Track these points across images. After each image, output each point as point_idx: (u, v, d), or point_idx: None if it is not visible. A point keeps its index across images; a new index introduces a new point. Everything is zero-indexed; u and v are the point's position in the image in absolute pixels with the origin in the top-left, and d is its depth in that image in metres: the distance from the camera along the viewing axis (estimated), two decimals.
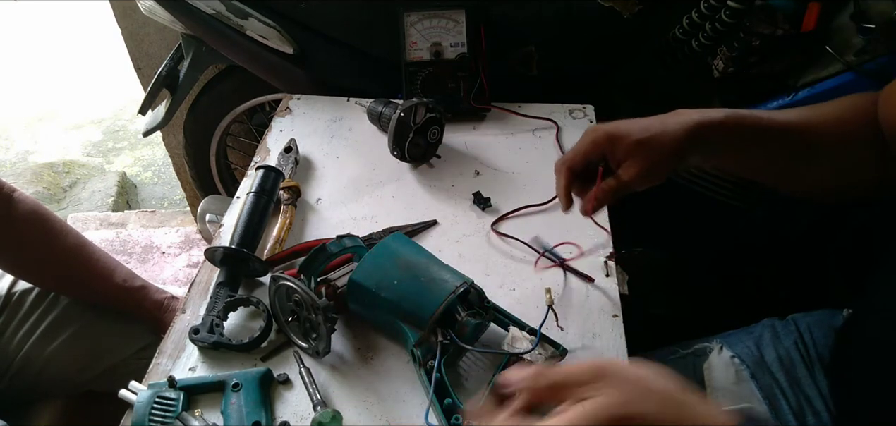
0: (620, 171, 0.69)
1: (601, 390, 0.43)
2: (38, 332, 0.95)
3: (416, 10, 1.05)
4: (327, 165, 1.02)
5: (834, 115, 0.70)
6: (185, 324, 0.76)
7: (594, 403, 0.42)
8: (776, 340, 0.84)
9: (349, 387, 0.69)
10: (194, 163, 1.71)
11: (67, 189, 2.58)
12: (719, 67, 1.16)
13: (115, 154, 2.93)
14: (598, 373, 0.44)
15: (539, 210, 0.91)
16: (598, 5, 1.13)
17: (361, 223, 0.90)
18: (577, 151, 0.71)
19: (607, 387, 0.43)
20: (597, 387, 0.43)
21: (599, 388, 0.43)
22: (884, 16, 1.00)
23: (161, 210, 2.40)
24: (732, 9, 1.06)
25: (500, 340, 0.70)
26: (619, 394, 0.43)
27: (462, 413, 0.60)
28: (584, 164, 0.70)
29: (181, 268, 2.03)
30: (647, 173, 0.67)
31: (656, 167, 0.67)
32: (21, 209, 0.91)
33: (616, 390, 0.43)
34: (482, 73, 1.07)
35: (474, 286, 0.70)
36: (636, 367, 0.45)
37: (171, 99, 1.47)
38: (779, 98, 1.13)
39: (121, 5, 1.65)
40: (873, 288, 0.73)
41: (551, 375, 0.46)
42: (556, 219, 0.89)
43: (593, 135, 0.70)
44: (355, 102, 1.14)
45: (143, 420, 0.64)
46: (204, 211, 1.54)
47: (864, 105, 0.70)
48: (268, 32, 1.20)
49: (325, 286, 0.74)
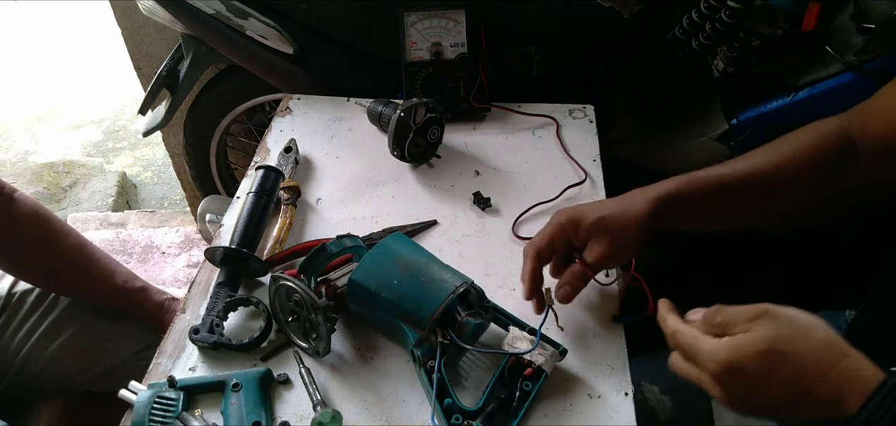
0: (585, 253, 0.70)
1: (762, 324, 0.48)
2: (38, 333, 0.95)
3: (416, 10, 1.05)
4: (327, 165, 1.02)
5: (794, 151, 0.70)
6: (185, 324, 0.76)
7: (753, 335, 0.48)
8: None
9: (349, 387, 0.69)
10: (194, 163, 1.71)
11: (67, 189, 2.58)
12: (719, 67, 1.16)
13: (115, 154, 2.93)
14: (762, 312, 0.49)
15: (550, 209, 0.90)
16: (598, 5, 1.13)
17: (361, 223, 0.90)
18: (542, 236, 0.71)
19: (768, 323, 0.48)
20: (760, 322, 0.49)
21: (761, 323, 0.48)
22: (884, 16, 1.00)
23: (161, 210, 2.40)
24: (732, 9, 1.06)
25: (500, 340, 0.70)
26: (777, 328, 0.48)
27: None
28: (549, 248, 0.71)
29: (181, 268, 2.03)
30: (611, 252, 0.68)
31: (620, 246, 0.68)
32: (21, 210, 0.91)
33: (775, 326, 0.48)
34: (482, 73, 1.07)
35: (474, 286, 0.70)
36: (804, 313, 0.50)
37: (171, 99, 1.47)
38: (779, 98, 1.13)
39: (121, 5, 1.65)
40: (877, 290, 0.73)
41: (724, 313, 0.52)
42: None
43: (557, 218, 0.71)
44: (355, 102, 1.14)
45: (143, 420, 0.64)
46: (204, 211, 1.54)
47: (826, 133, 0.70)
48: (268, 32, 1.20)
49: (325, 286, 0.74)
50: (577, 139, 1.03)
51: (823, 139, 0.70)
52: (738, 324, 0.50)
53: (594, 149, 1.01)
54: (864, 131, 0.68)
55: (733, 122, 1.17)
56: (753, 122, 1.16)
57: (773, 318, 0.49)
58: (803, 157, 0.70)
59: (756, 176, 0.69)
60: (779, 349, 0.47)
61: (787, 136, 0.72)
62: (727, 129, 1.17)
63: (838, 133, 0.70)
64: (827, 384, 0.46)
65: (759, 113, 1.15)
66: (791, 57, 1.11)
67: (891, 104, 0.67)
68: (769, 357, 0.47)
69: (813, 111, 0.73)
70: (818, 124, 0.72)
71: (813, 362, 0.46)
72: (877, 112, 0.67)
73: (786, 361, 0.47)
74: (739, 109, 1.18)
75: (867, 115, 0.68)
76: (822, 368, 0.46)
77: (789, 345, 0.47)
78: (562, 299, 0.70)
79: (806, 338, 0.47)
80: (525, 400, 0.64)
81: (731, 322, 0.51)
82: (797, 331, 0.48)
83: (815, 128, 0.72)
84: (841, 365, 0.46)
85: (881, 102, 0.67)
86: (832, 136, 0.69)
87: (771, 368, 0.47)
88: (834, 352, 0.47)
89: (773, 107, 1.13)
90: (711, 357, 0.49)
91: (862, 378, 0.45)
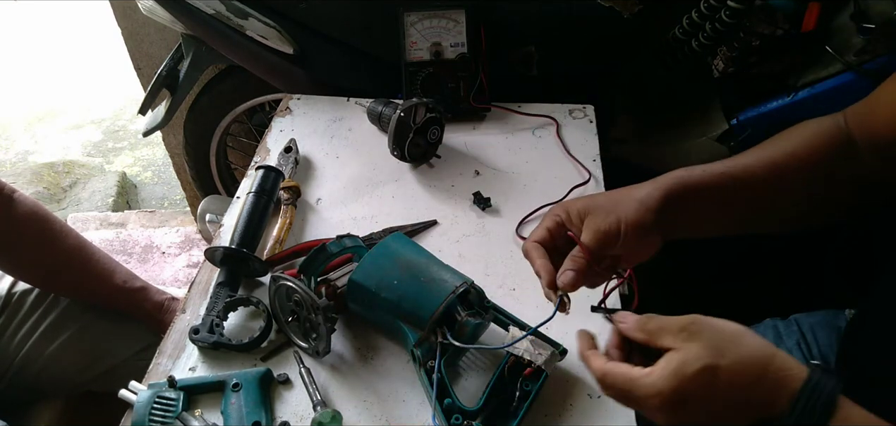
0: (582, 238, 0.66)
1: (694, 340, 0.48)
2: (38, 333, 0.95)
3: (416, 10, 1.05)
4: (327, 165, 1.02)
5: (792, 149, 0.69)
6: (185, 324, 0.76)
7: (687, 355, 0.47)
8: (778, 341, 0.84)
9: (349, 387, 0.69)
10: (194, 163, 1.71)
11: (67, 189, 2.58)
12: (719, 67, 1.16)
13: (115, 154, 2.93)
14: (690, 322, 0.49)
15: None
16: (598, 5, 1.13)
17: (361, 223, 0.90)
18: (539, 228, 0.68)
19: (699, 337, 0.48)
20: (691, 338, 0.48)
21: (693, 338, 0.48)
22: (884, 16, 1.00)
23: (161, 210, 2.40)
24: (732, 9, 1.06)
25: (500, 340, 0.70)
26: (708, 342, 0.47)
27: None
28: (548, 237, 0.67)
29: (181, 268, 2.03)
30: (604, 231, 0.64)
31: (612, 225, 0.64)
32: (21, 210, 0.91)
33: (705, 340, 0.48)
34: (482, 73, 1.07)
35: (474, 286, 0.70)
36: (729, 323, 0.49)
37: (171, 99, 1.47)
38: (779, 98, 1.13)
39: (121, 5, 1.65)
40: (878, 288, 0.73)
41: (655, 322, 0.52)
42: None
43: (551, 210, 0.68)
44: (355, 102, 1.14)
45: (143, 420, 0.64)
46: (204, 211, 1.54)
47: (823, 130, 0.69)
48: (268, 32, 1.20)
49: (325, 286, 0.74)
50: (577, 139, 1.03)
51: (820, 136, 0.69)
52: (669, 334, 0.49)
53: (594, 149, 1.01)
54: (863, 128, 0.67)
55: (733, 122, 1.17)
56: (753, 122, 1.16)
57: (701, 331, 0.48)
58: (801, 155, 0.69)
59: (755, 172, 0.68)
60: (713, 364, 0.46)
61: (782, 135, 0.71)
62: (727, 129, 1.17)
63: (835, 130, 0.69)
64: (761, 389, 0.46)
65: (759, 113, 1.15)
66: (791, 57, 1.11)
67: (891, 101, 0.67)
68: (707, 374, 0.46)
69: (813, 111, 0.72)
70: (813, 122, 0.71)
71: (746, 370, 0.47)
72: (877, 108, 0.66)
73: (722, 375, 0.46)
74: (739, 109, 1.18)
75: (866, 111, 0.67)
76: (755, 374, 0.47)
77: (723, 358, 0.47)
78: (565, 284, 0.66)
79: (737, 346, 0.47)
80: (525, 400, 0.64)
81: (664, 329, 0.50)
82: (727, 341, 0.48)
83: (810, 125, 0.71)
84: (771, 367, 0.47)
85: (881, 99, 0.67)
86: (829, 134, 0.69)
87: (711, 385, 0.47)
88: (764, 356, 0.47)
89: (773, 107, 1.13)
90: (653, 392, 0.48)
91: (790, 377, 0.46)
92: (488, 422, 0.63)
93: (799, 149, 0.69)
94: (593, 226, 0.65)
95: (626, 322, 0.54)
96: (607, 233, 0.64)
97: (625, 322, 0.54)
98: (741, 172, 0.68)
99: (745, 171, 0.68)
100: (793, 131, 0.71)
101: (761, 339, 0.49)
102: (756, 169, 0.68)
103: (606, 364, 0.52)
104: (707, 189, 0.67)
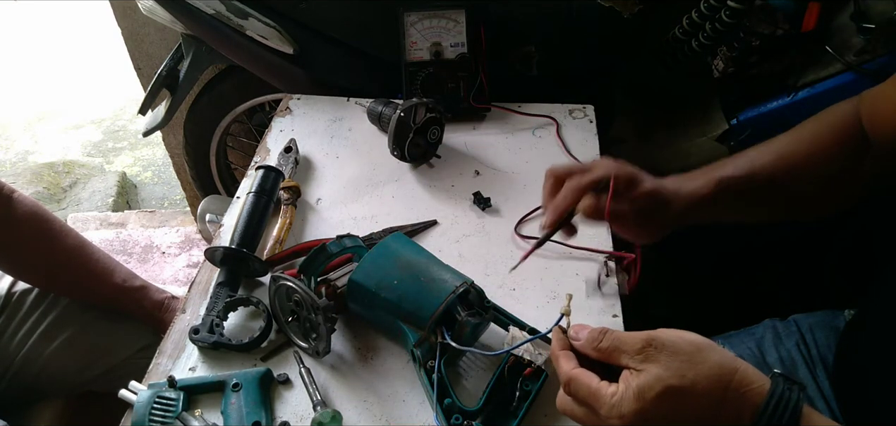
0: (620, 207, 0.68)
1: (653, 361, 0.47)
2: (38, 332, 0.95)
3: (416, 10, 1.05)
4: (327, 165, 1.02)
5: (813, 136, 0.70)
6: (185, 324, 0.76)
7: (648, 377, 0.46)
8: (778, 341, 0.84)
9: (349, 387, 0.69)
10: (194, 163, 1.71)
11: (67, 189, 2.58)
12: (719, 67, 1.16)
13: (115, 154, 2.93)
14: (648, 343, 0.48)
15: None
16: (598, 5, 1.13)
17: (361, 223, 0.90)
18: (589, 174, 0.69)
19: (658, 357, 0.47)
20: (650, 359, 0.47)
21: (652, 359, 0.47)
22: (884, 16, 1.00)
23: (161, 210, 2.40)
24: (732, 9, 1.06)
25: (500, 340, 0.70)
26: (668, 363, 0.47)
27: None
28: (591, 187, 0.69)
29: (181, 268, 2.03)
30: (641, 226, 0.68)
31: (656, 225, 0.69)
32: (20, 210, 0.91)
33: (665, 361, 0.47)
34: (482, 73, 1.07)
35: (474, 286, 0.70)
36: (686, 339, 0.48)
37: (171, 99, 1.47)
38: (779, 98, 1.13)
39: (121, 5, 1.65)
40: (876, 288, 0.73)
41: (610, 340, 0.51)
42: None
43: (608, 166, 0.69)
44: (355, 102, 1.14)
45: (143, 420, 0.64)
46: (204, 211, 1.54)
47: (844, 114, 0.70)
48: (268, 32, 1.20)
49: (325, 286, 0.73)
50: (577, 139, 1.03)
51: (841, 117, 0.70)
52: (627, 354, 0.49)
53: (594, 149, 1.01)
54: (872, 123, 0.68)
55: (733, 122, 1.17)
56: (753, 122, 1.16)
57: (660, 352, 0.47)
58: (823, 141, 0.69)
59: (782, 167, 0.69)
60: (675, 385, 0.46)
61: (809, 123, 0.72)
62: (727, 129, 1.17)
63: (854, 118, 0.69)
64: (724, 407, 0.46)
65: (759, 113, 1.16)
66: (791, 57, 1.11)
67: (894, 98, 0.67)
68: (669, 396, 0.46)
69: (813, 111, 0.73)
70: (838, 104, 0.71)
71: (708, 390, 0.46)
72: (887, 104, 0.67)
73: (685, 396, 0.46)
74: (739, 109, 1.18)
75: (876, 105, 0.67)
76: (717, 394, 0.46)
77: (683, 379, 0.46)
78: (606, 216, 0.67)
79: (697, 364, 0.47)
80: (525, 400, 0.64)
81: (621, 349, 0.49)
82: (687, 361, 0.47)
83: (834, 108, 0.71)
84: (733, 383, 0.46)
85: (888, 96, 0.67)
86: (848, 120, 0.69)
87: (673, 408, 0.46)
88: (725, 372, 0.46)
89: (773, 107, 1.13)
90: (615, 413, 0.47)
91: (752, 392, 0.46)
92: (488, 422, 0.63)
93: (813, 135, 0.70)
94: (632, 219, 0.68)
95: (580, 337, 0.53)
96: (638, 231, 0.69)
97: (578, 338, 0.53)
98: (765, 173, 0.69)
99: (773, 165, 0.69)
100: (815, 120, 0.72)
101: (722, 354, 0.48)
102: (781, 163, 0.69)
103: (575, 369, 0.51)
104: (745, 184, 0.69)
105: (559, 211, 0.69)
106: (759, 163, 0.69)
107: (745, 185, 0.68)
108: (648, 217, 0.68)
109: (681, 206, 0.68)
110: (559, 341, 0.55)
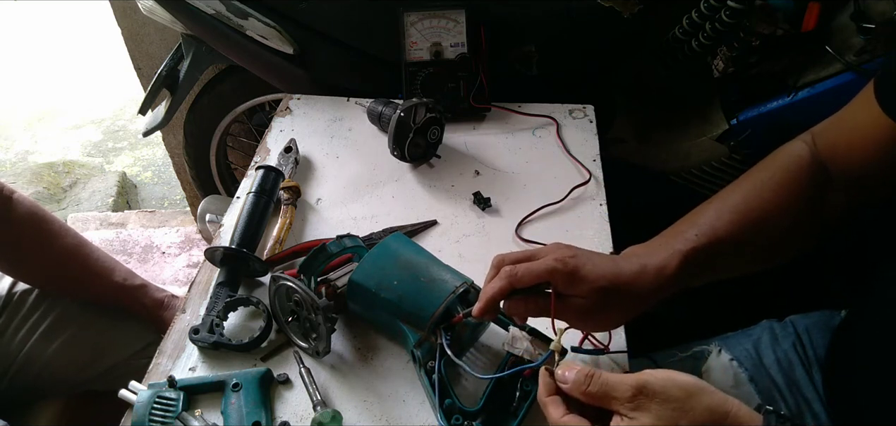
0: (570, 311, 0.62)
1: (644, 410, 0.46)
2: (38, 332, 0.95)
3: (416, 10, 1.05)
4: (327, 165, 1.02)
5: (767, 184, 0.68)
6: (185, 324, 0.76)
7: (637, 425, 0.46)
8: (774, 342, 0.84)
9: (349, 387, 0.69)
10: (194, 163, 1.71)
11: (67, 189, 2.58)
12: (719, 67, 1.16)
13: (115, 154, 2.93)
14: (639, 390, 0.47)
15: (556, 210, 0.91)
16: (598, 5, 1.13)
17: (361, 223, 0.90)
18: (529, 270, 0.61)
19: (649, 405, 0.46)
20: (642, 407, 0.46)
21: (643, 407, 0.46)
22: (884, 16, 1.00)
23: (161, 210, 2.40)
24: (732, 9, 1.06)
25: (500, 340, 0.70)
26: (659, 412, 0.46)
27: None
28: (532, 283, 0.61)
29: (181, 268, 2.03)
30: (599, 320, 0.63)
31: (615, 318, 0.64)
32: (20, 210, 0.91)
33: (656, 410, 0.46)
34: (482, 73, 1.07)
35: (474, 286, 0.70)
36: (677, 383, 0.47)
37: (171, 99, 1.47)
38: (779, 98, 1.13)
39: (121, 5, 1.65)
40: (871, 289, 0.73)
41: (599, 384, 0.49)
42: (566, 220, 0.89)
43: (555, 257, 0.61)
44: (355, 102, 1.14)
45: (143, 420, 0.64)
46: (204, 211, 1.54)
47: (796, 155, 0.69)
48: (268, 32, 1.20)
49: (325, 286, 0.74)
50: (577, 139, 1.03)
51: (797, 164, 0.68)
52: (617, 401, 0.48)
53: (594, 149, 1.01)
54: (834, 156, 0.67)
55: (733, 122, 1.17)
56: (753, 122, 1.16)
57: (651, 399, 0.46)
58: (782, 188, 0.67)
59: (747, 223, 0.66)
60: None
61: (755, 172, 0.69)
62: (727, 129, 1.17)
63: (808, 155, 0.68)
64: None
65: (759, 113, 1.15)
66: (791, 57, 1.11)
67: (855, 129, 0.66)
68: None
69: (813, 111, 0.73)
70: (783, 151, 0.70)
71: None
72: (844, 139, 0.66)
73: None
74: (739, 109, 1.18)
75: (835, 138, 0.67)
76: None
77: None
78: (510, 310, 0.62)
79: (688, 411, 0.46)
80: (525, 400, 0.64)
81: (610, 395, 0.48)
82: (678, 407, 0.46)
83: (782, 155, 0.70)
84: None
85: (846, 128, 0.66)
86: (803, 159, 0.68)
87: None
88: (717, 416, 0.46)
89: (773, 107, 1.13)
90: None
91: None
92: (488, 423, 0.63)
93: (776, 184, 0.68)
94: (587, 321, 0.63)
95: (567, 380, 0.51)
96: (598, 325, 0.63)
97: (565, 380, 0.52)
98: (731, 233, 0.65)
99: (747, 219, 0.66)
100: (764, 166, 0.69)
101: (712, 396, 0.47)
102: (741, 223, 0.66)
103: (564, 418, 0.50)
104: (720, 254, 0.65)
105: (487, 299, 0.62)
106: (721, 225, 0.65)
107: (712, 251, 0.64)
108: (605, 309, 0.61)
109: (645, 288, 0.62)
110: (546, 386, 0.53)
